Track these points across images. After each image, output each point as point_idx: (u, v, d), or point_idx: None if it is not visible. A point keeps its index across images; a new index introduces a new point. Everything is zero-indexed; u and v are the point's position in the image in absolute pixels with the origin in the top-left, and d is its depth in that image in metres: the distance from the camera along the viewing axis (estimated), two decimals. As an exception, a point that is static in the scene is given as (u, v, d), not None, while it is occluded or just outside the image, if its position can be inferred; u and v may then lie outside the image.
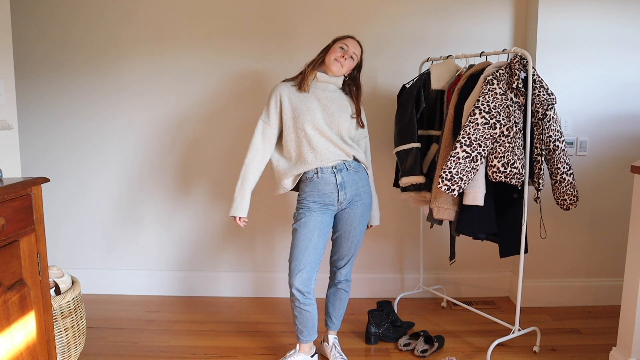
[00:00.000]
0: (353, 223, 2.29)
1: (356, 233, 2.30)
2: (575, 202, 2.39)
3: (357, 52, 2.29)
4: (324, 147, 2.20)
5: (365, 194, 2.30)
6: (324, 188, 2.22)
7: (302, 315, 2.27)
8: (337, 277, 2.41)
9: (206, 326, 2.83)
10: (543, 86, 2.27)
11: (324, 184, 2.22)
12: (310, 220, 2.21)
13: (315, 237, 2.21)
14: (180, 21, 3.02)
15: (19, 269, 1.65)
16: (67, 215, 3.24)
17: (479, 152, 2.21)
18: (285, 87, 2.28)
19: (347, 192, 2.24)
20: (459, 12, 2.98)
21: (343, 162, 2.24)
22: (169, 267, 3.27)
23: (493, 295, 3.24)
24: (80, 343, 2.33)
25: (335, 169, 2.22)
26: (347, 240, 2.31)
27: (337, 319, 2.47)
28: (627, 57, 2.87)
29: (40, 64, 3.08)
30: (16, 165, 2.24)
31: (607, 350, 2.45)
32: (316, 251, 2.22)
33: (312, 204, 2.23)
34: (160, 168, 3.17)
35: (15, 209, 1.61)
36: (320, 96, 2.26)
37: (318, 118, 2.20)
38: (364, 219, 2.32)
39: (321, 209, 2.23)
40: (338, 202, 2.23)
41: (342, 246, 2.33)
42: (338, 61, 2.23)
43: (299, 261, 2.21)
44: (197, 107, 3.10)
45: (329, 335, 2.49)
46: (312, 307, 2.28)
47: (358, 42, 2.32)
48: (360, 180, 2.29)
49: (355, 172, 2.27)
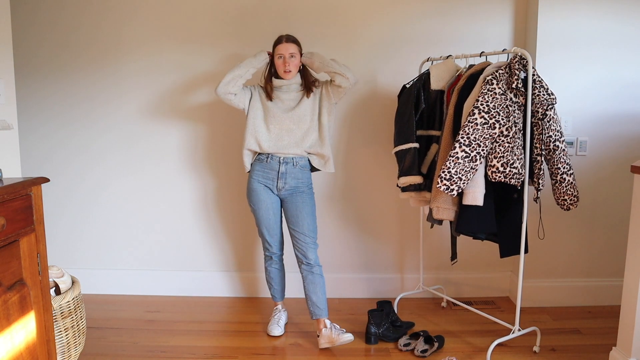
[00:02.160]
0: (298, 208, 2.56)
1: (304, 216, 2.55)
2: (576, 202, 2.39)
3: (293, 51, 2.48)
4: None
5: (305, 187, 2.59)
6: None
7: (275, 274, 2.75)
8: (307, 264, 2.57)
9: (206, 326, 2.83)
10: (543, 86, 2.27)
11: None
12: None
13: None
14: (180, 21, 3.02)
15: (19, 269, 1.65)
16: (67, 215, 3.24)
17: (478, 152, 2.21)
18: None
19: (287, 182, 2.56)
20: (459, 12, 2.98)
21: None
22: (169, 267, 3.27)
23: (493, 295, 3.24)
24: (80, 343, 2.33)
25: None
26: (298, 225, 2.57)
27: (322, 304, 2.56)
28: (628, 57, 2.87)
29: (41, 64, 3.08)
30: (16, 165, 2.24)
31: (607, 350, 2.45)
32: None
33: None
34: (160, 168, 3.17)
35: (15, 209, 1.62)
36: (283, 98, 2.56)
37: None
38: (307, 206, 2.57)
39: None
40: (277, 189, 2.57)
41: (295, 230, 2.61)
42: (286, 72, 2.49)
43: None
44: (197, 108, 3.10)
45: (324, 321, 2.54)
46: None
47: (290, 38, 2.50)
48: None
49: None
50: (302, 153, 2.54)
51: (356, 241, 3.19)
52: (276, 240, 2.68)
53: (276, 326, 2.71)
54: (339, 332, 2.50)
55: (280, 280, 2.78)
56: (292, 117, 2.51)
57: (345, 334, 2.48)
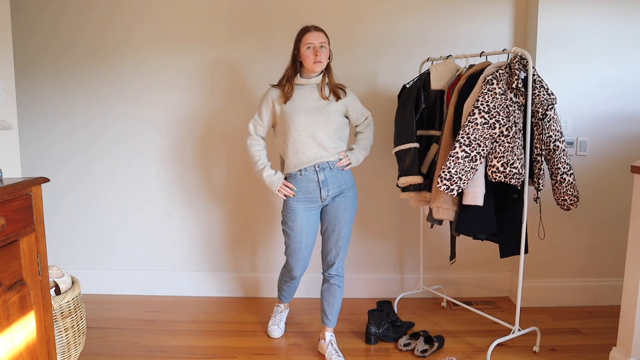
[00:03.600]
0: (337, 216, 2.40)
1: (341, 226, 2.41)
2: (576, 203, 2.39)
3: (323, 40, 2.33)
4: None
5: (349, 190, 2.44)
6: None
7: (290, 288, 2.66)
8: (329, 273, 2.47)
9: (206, 326, 2.83)
10: (543, 86, 2.27)
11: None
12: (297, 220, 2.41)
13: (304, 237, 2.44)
14: (181, 21, 3.02)
15: (19, 269, 1.65)
16: (67, 215, 3.24)
17: (478, 152, 2.21)
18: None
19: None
20: (459, 12, 2.98)
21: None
22: (169, 267, 3.27)
23: (493, 295, 3.23)
24: (80, 343, 2.33)
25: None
26: (333, 233, 2.42)
27: (332, 316, 2.50)
28: (628, 57, 2.87)
29: (41, 64, 3.08)
30: (16, 165, 2.24)
31: (607, 350, 2.45)
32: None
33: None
34: (160, 168, 3.17)
35: (15, 209, 1.61)
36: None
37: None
38: (348, 212, 2.42)
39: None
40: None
41: (329, 240, 2.45)
42: (316, 62, 2.30)
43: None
44: (198, 107, 3.10)
45: (326, 332, 2.50)
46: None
47: (318, 28, 2.35)
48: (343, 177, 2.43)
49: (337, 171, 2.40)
50: (334, 157, 2.37)
51: (356, 241, 3.19)
52: (301, 267, 2.48)
53: (276, 327, 2.70)
54: (333, 354, 2.41)
55: (293, 291, 2.71)
56: (317, 120, 2.32)
57: (339, 357, 2.40)
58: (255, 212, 3.19)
